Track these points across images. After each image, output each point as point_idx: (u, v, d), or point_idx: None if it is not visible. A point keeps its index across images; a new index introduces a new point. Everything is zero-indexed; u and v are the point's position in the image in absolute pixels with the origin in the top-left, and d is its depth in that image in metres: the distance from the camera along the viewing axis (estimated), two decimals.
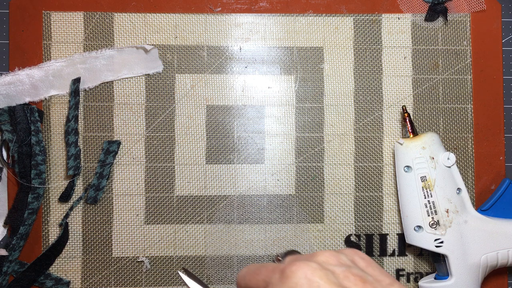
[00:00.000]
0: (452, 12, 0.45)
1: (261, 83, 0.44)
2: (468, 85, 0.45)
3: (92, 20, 0.44)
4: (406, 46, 0.45)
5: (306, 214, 0.44)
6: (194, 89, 0.44)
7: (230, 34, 0.44)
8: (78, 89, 0.43)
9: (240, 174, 0.44)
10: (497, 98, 0.45)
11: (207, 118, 0.44)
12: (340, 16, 0.45)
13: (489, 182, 0.44)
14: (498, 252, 0.40)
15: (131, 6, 0.44)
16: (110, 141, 0.43)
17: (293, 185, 0.44)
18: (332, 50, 0.45)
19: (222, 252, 0.43)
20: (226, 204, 0.44)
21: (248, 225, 0.44)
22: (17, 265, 0.42)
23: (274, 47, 0.45)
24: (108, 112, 0.44)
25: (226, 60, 0.44)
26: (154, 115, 0.44)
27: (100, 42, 0.44)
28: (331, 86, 0.45)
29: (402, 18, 0.45)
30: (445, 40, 0.45)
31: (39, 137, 0.42)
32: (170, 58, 0.44)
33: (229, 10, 0.44)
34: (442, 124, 0.45)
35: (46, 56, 0.43)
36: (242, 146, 0.44)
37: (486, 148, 0.44)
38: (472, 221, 0.40)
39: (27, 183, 0.42)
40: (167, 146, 0.44)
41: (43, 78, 0.43)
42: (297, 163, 0.44)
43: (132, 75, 0.44)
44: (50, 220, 0.43)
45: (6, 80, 0.42)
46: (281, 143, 0.44)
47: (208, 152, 0.44)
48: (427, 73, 0.45)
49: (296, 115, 0.44)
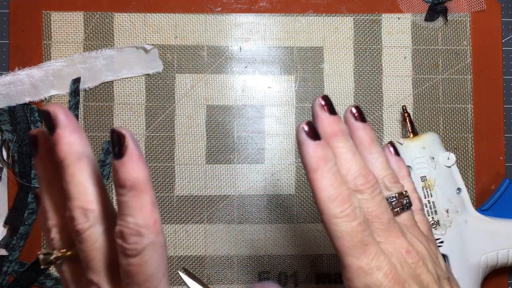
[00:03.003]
0: (452, 12, 0.45)
1: (261, 83, 0.44)
2: (468, 85, 0.45)
3: (92, 20, 0.44)
4: (406, 46, 0.45)
5: (306, 214, 0.44)
6: (194, 89, 0.44)
7: (230, 34, 0.44)
8: (78, 89, 0.43)
9: (240, 174, 0.44)
10: (497, 98, 0.45)
11: (207, 118, 0.44)
12: (340, 16, 0.45)
13: (489, 182, 0.44)
14: (498, 252, 0.40)
15: (131, 6, 0.44)
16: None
17: (293, 185, 0.44)
18: (332, 50, 0.45)
19: (222, 252, 0.43)
20: (226, 204, 0.44)
21: (248, 225, 0.44)
22: (17, 265, 0.42)
23: (274, 47, 0.45)
24: (108, 112, 0.44)
25: (226, 60, 0.44)
26: (154, 115, 0.44)
27: (100, 42, 0.44)
28: (331, 86, 0.45)
29: (402, 18, 0.45)
30: (445, 40, 0.45)
31: None
32: (170, 58, 0.44)
33: (229, 10, 0.44)
34: (442, 124, 0.45)
35: (46, 56, 0.43)
36: (242, 146, 0.44)
37: (486, 148, 0.44)
38: (472, 221, 0.40)
39: (27, 183, 0.42)
40: (167, 146, 0.44)
41: (43, 78, 0.43)
42: (297, 163, 0.44)
43: (132, 75, 0.44)
44: None
45: (6, 80, 0.42)
46: (281, 143, 0.44)
47: (208, 152, 0.44)
48: (427, 73, 0.45)
49: (296, 115, 0.44)
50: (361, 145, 0.27)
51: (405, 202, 0.27)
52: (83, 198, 0.22)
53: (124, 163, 0.21)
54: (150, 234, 0.21)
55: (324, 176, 0.24)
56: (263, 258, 0.44)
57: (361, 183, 0.25)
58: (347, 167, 0.25)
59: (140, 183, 0.21)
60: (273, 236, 0.44)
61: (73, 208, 0.22)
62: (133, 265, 0.21)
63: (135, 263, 0.21)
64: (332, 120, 0.25)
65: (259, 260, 0.44)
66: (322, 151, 0.24)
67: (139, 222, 0.21)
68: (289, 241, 0.44)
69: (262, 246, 0.44)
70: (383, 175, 0.27)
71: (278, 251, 0.44)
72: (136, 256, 0.21)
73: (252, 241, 0.44)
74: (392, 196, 0.26)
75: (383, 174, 0.27)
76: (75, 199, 0.22)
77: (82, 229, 0.22)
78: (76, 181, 0.22)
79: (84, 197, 0.22)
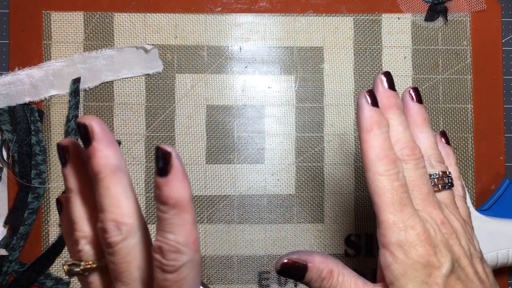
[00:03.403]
0: (452, 12, 0.45)
1: (261, 83, 0.44)
2: (468, 85, 0.45)
3: (92, 20, 0.44)
4: (406, 46, 0.45)
5: (306, 214, 0.44)
6: (194, 89, 0.44)
7: (230, 34, 0.44)
8: (78, 89, 0.43)
9: (240, 174, 0.44)
10: (497, 98, 0.45)
11: (207, 118, 0.44)
12: (340, 16, 0.45)
13: (489, 182, 0.44)
14: (498, 252, 0.40)
15: (131, 6, 0.44)
16: None
17: (293, 185, 0.44)
18: (332, 50, 0.45)
19: (222, 252, 0.43)
20: (226, 204, 0.44)
21: (248, 225, 0.44)
22: (17, 265, 0.42)
23: (274, 47, 0.45)
24: (108, 112, 0.44)
25: (226, 60, 0.44)
26: (154, 115, 0.44)
27: (100, 42, 0.44)
28: (331, 86, 0.45)
29: (402, 18, 0.45)
30: (445, 40, 0.45)
31: (39, 137, 0.42)
32: (170, 58, 0.44)
33: (229, 10, 0.44)
34: (442, 124, 0.45)
35: (46, 56, 0.43)
36: (242, 146, 0.44)
37: (486, 148, 0.45)
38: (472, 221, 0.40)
39: (27, 183, 0.42)
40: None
41: (43, 78, 0.43)
42: (297, 163, 0.44)
43: (132, 75, 0.44)
44: (50, 220, 0.43)
45: (6, 80, 0.42)
46: (281, 143, 0.44)
47: (208, 152, 0.44)
48: (427, 73, 0.45)
49: (296, 115, 0.44)
50: (414, 123, 0.29)
51: (447, 181, 0.28)
52: (116, 211, 0.22)
53: (168, 181, 0.21)
54: (189, 252, 0.22)
55: (375, 138, 0.26)
56: (263, 258, 0.44)
57: (407, 153, 0.26)
58: (397, 138, 0.27)
59: (183, 202, 0.21)
60: (273, 236, 0.44)
61: (106, 221, 0.22)
62: (169, 281, 0.21)
63: (172, 279, 0.21)
64: (390, 94, 0.27)
65: (259, 260, 0.44)
66: (378, 116, 0.26)
67: (180, 240, 0.21)
68: (289, 241, 0.44)
69: (262, 246, 0.44)
70: (430, 153, 0.28)
71: (278, 251, 0.44)
72: (173, 272, 0.21)
73: (252, 241, 0.44)
74: (436, 173, 0.28)
75: (430, 153, 0.28)
76: (108, 212, 0.22)
77: (114, 242, 0.22)
78: (110, 194, 0.22)
79: (118, 210, 0.22)
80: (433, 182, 0.27)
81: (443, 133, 0.32)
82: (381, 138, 0.26)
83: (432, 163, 0.28)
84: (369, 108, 0.26)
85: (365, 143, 0.26)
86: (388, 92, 0.28)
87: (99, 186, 0.23)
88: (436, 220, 0.26)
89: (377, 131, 0.26)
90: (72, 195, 0.25)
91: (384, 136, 0.26)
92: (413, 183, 0.26)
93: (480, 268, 0.26)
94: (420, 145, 0.28)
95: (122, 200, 0.23)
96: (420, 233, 0.25)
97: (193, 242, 0.22)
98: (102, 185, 0.23)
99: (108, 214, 0.22)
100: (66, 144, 0.25)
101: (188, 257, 0.21)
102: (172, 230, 0.21)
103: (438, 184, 0.28)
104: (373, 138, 0.26)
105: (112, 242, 0.22)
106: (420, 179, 0.26)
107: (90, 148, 0.23)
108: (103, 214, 0.22)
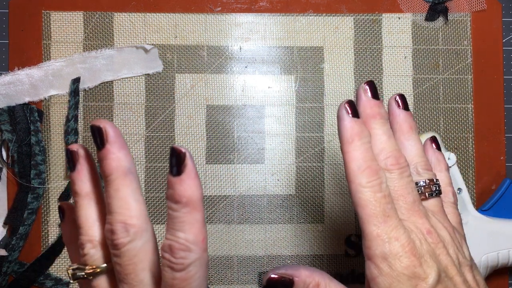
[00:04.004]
0: (453, 12, 0.45)
1: (261, 83, 0.44)
2: (469, 85, 0.45)
3: (92, 20, 0.44)
4: (407, 45, 0.45)
5: (306, 214, 0.44)
6: (194, 89, 0.44)
7: (230, 34, 0.44)
8: (78, 89, 0.43)
9: (240, 174, 0.44)
10: (497, 98, 0.45)
11: (207, 118, 0.44)
12: (340, 16, 0.45)
13: (490, 182, 0.44)
14: (498, 252, 0.40)
15: (131, 6, 0.44)
16: None
17: (293, 185, 0.44)
18: (332, 50, 0.45)
19: (222, 252, 0.43)
20: (226, 204, 0.44)
21: (248, 225, 0.44)
22: (17, 265, 0.42)
23: (274, 47, 0.44)
24: (108, 112, 0.44)
25: (226, 60, 0.44)
26: (154, 115, 0.44)
27: (100, 42, 0.44)
28: (331, 86, 0.44)
29: (403, 17, 0.45)
30: (445, 40, 0.45)
31: (38, 137, 0.42)
32: (170, 58, 0.44)
33: (229, 10, 0.44)
34: (442, 124, 0.45)
35: (46, 56, 0.43)
36: (242, 146, 0.44)
37: (487, 148, 0.44)
38: (472, 221, 0.40)
39: (27, 183, 0.42)
40: (167, 146, 0.44)
41: (42, 78, 0.43)
42: (297, 163, 0.44)
43: (132, 75, 0.44)
44: (50, 220, 0.43)
45: (5, 80, 0.42)
46: (281, 143, 0.44)
47: (208, 152, 0.44)
48: (428, 72, 0.45)
49: (296, 115, 0.44)
50: (400, 131, 0.28)
51: (434, 189, 0.27)
52: (125, 212, 0.23)
53: (182, 180, 0.22)
54: (198, 251, 0.22)
55: (356, 149, 0.25)
56: (263, 258, 0.44)
57: (391, 163, 0.26)
58: (381, 148, 0.27)
59: (195, 201, 0.22)
60: (273, 236, 0.44)
61: (114, 222, 0.23)
62: (177, 279, 0.22)
63: (180, 277, 0.22)
64: (373, 103, 0.27)
65: (259, 260, 0.43)
66: (359, 127, 0.26)
67: (189, 238, 0.22)
68: (289, 241, 0.44)
69: (262, 246, 0.44)
70: (416, 161, 0.28)
71: (278, 251, 0.44)
72: (182, 270, 0.22)
73: (252, 241, 0.44)
74: (423, 181, 0.27)
75: (416, 161, 0.28)
76: (117, 213, 0.23)
77: (122, 243, 0.22)
78: (120, 195, 0.23)
79: (126, 212, 0.23)
80: (420, 190, 0.27)
81: (433, 139, 0.32)
82: (363, 149, 0.26)
83: (419, 171, 0.28)
84: (349, 119, 0.26)
85: (347, 155, 0.26)
86: (372, 101, 0.27)
87: (109, 188, 0.23)
88: (422, 229, 0.25)
89: (358, 142, 0.26)
90: (79, 199, 0.25)
91: (366, 147, 0.26)
92: (398, 193, 0.26)
93: (469, 277, 0.26)
94: (406, 153, 0.28)
95: (131, 202, 0.23)
96: (405, 244, 0.24)
97: (202, 240, 0.22)
98: (112, 186, 0.23)
99: (116, 215, 0.23)
100: (75, 149, 0.25)
101: (196, 255, 0.22)
102: (183, 228, 0.22)
103: (425, 192, 0.27)
104: (354, 149, 0.26)
105: (119, 244, 0.22)
106: (405, 188, 0.26)
107: (104, 150, 0.23)
108: (111, 215, 0.23)
